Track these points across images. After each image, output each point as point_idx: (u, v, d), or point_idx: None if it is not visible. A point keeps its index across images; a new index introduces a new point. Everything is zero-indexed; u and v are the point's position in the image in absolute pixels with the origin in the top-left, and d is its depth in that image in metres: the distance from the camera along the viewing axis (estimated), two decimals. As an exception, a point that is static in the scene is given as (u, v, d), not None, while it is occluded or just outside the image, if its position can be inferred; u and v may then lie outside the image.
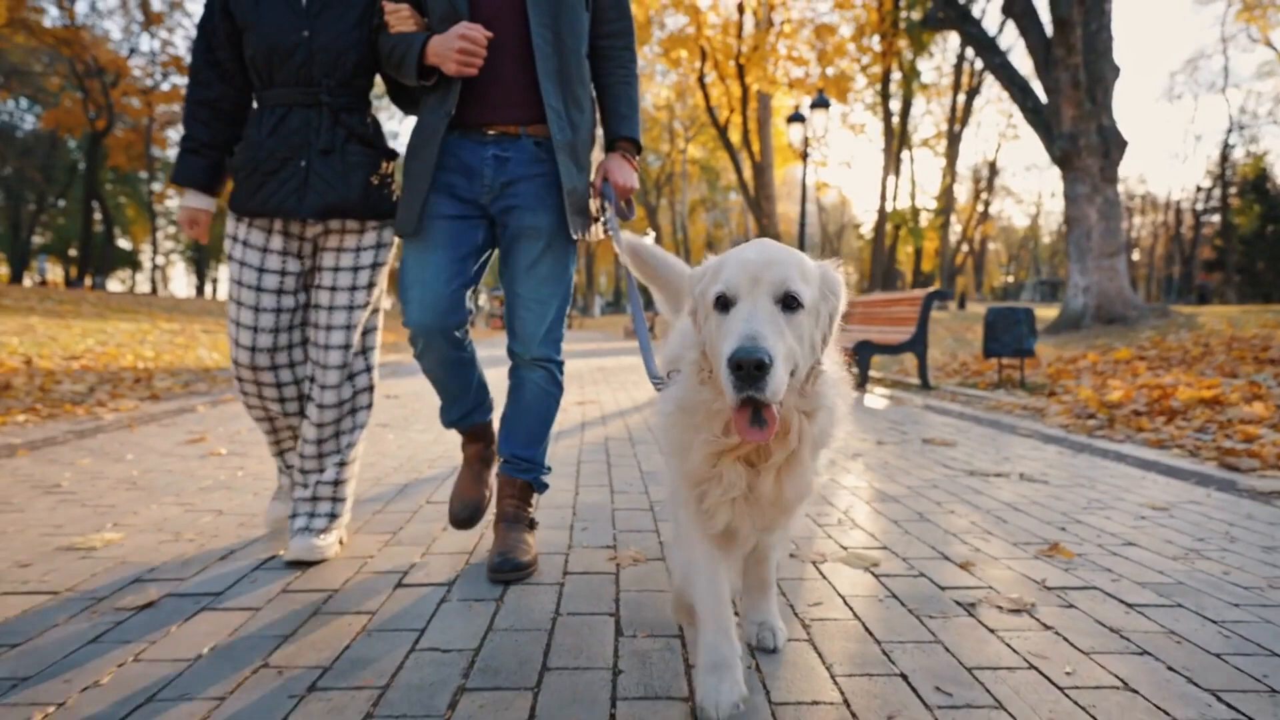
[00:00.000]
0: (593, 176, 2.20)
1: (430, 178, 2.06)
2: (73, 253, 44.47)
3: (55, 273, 46.71)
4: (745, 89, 22.13)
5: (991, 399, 6.70)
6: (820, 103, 15.27)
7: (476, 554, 2.29)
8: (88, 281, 33.45)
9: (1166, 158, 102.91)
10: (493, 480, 2.39)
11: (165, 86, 34.75)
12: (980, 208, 44.95)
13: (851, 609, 1.87)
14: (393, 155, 2.31)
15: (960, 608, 1.88)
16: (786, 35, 22.19)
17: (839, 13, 22.85)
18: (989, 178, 44.48)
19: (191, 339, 11.87)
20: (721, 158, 32.11)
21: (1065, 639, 1.70)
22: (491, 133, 2.09)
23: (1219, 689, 1.47)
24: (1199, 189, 46.60)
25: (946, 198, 32.43)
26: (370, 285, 2.27)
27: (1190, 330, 10.16)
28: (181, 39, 34.20)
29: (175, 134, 38.81)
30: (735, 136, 23.91)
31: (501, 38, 2.02)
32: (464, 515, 2.29)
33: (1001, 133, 42.92)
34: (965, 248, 44.70)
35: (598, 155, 2.27)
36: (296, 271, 2.21)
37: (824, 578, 2.10)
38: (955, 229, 41.90)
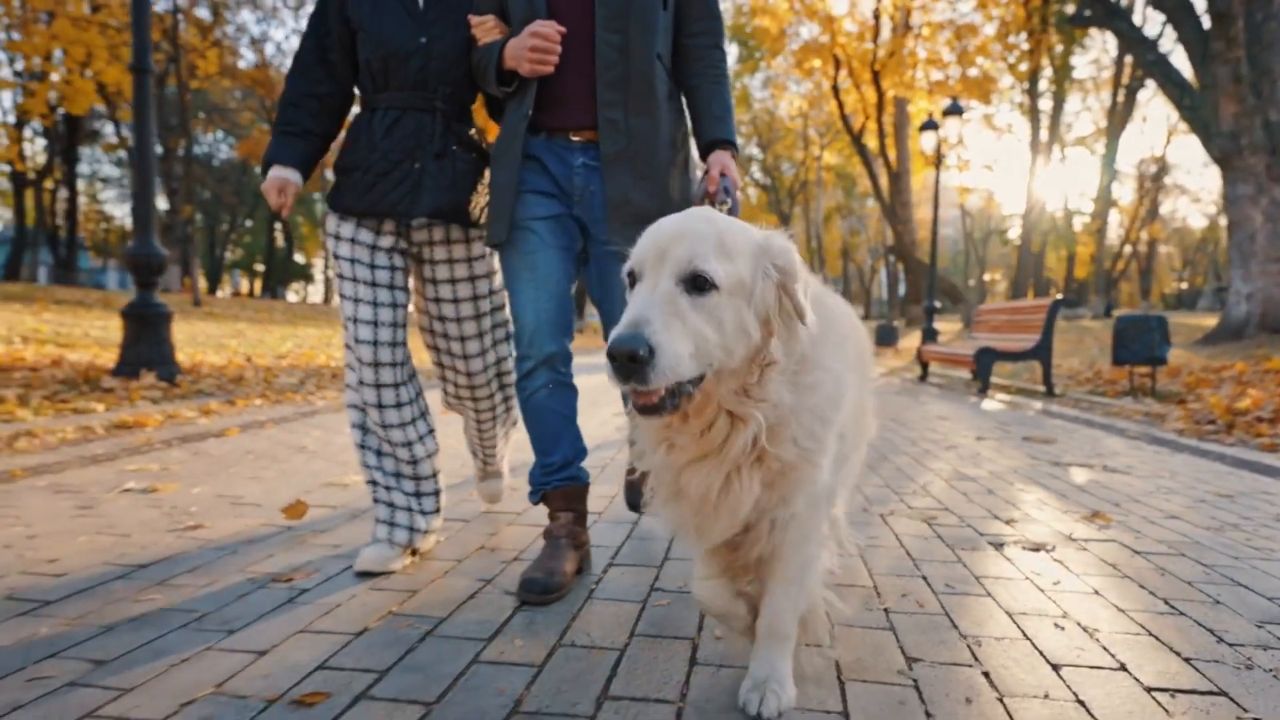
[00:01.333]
0: (697, 174, 2.09)
1: (516, 186, 2.01)
2: (258, 267, 50.18)
3: (242, 285, 52.88)
4: (880, 95, 21.96)
5: (1115, 405, 6.77)
6: (953, 109, 15.16)
7: (610, 509, 3.00)
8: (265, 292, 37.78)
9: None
10: (572, 567, 2.03)
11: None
12: (1147, 208, 41.73)
13: (900, 542, 2.43)
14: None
15: (990, 546, 2.39)
16: (925, 38, 21.89)
17: (981, 12, 22.25)
18: (1156, 175, 41.23)
19: (367, 342, 13.51)
20: (858, 164, 31.77)
21: (1066, 566, 2.19)
22: (576, 139, 2.04)
23: (1172, 598, 1.94)
24: None
25: (1104, 200, 30.53)
26: (492, 292, 2.38)
27: (1368, 340, 9.48)
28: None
29: (345, 159, 42.88)
30: (871, 143, 23.73)
31: (579, 38, 1.97)
32: (540, 580, 1.90)
33: (1172, 127, 39.72)
34: (1128, 251, 41.62)
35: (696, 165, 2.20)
36: (403, 267, 2.22)
37: (886, 524, 2.65)
38: (1117, 231, 39.20)
